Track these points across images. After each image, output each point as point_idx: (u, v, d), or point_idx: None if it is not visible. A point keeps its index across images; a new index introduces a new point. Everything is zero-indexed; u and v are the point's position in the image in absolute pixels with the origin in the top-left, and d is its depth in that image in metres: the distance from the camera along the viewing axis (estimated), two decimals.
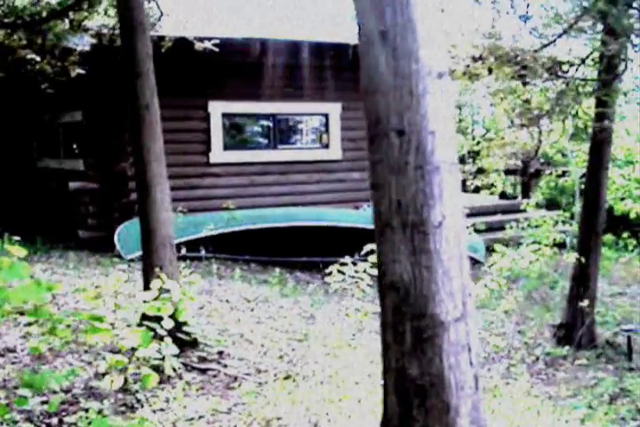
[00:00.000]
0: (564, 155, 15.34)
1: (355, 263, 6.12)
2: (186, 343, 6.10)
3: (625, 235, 14.62)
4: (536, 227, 12.03)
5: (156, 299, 4.35)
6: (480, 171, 11.49)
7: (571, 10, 7.98)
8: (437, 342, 2.97)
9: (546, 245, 11.45)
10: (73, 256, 10.70)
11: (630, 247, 14.34)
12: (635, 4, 7.73)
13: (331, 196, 13.40)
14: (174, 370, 5.66)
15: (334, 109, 13.49)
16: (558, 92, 7.58)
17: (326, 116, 13.51)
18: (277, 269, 10.86)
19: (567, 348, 8.28)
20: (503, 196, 15.99)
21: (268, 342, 6.85)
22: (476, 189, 14.91)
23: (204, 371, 5.79)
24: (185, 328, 6.20)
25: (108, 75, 10.86)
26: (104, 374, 5.28)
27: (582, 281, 8.41)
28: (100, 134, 11.85)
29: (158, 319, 6.25)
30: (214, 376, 5.71)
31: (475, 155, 13.96)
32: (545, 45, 8.11)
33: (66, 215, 12.69)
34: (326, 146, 13.53)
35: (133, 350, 5.98)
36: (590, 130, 8.08)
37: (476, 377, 3.06)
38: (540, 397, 6.60)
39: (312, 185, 13.33)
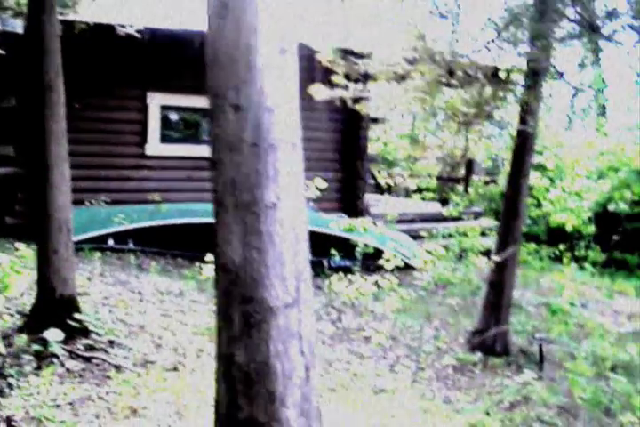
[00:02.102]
0: (494, 162, 15.40)
1: None
2: (76, 330, 5.94)
3: (561, 247, 14.67)
4: (464, 235, 12.03)
5: None
6: (412, 175, 11.45)
7: (502, 16, 7.96)
8: (265, 328, 2.86)
9: (472, 253, 11.49)
10: None
11: (565, 260, 14.39)
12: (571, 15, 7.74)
13: None
14: (56, 356, 5.51)
15: None
16: (479, 97, 7.53)
17: None
18: (203, 265, 10.67)
19: (479, 354, 8.21)
20: (445, 203, 15.97)
21: (167, 335, 6.70)
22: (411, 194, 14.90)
23: (88, 359, 5.62)
24: (77, 315, 6.05)
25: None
26: None
27: (498, 287, 8.34)
28: (29, 119, 11.58)
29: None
30: (97, 365, 5.55)
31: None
32: (475, 51, 8.05)
33: None
34: None
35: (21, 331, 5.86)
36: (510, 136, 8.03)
37: (308, 367, 2.96)
38: (435, 400, 6.54)
39: None
